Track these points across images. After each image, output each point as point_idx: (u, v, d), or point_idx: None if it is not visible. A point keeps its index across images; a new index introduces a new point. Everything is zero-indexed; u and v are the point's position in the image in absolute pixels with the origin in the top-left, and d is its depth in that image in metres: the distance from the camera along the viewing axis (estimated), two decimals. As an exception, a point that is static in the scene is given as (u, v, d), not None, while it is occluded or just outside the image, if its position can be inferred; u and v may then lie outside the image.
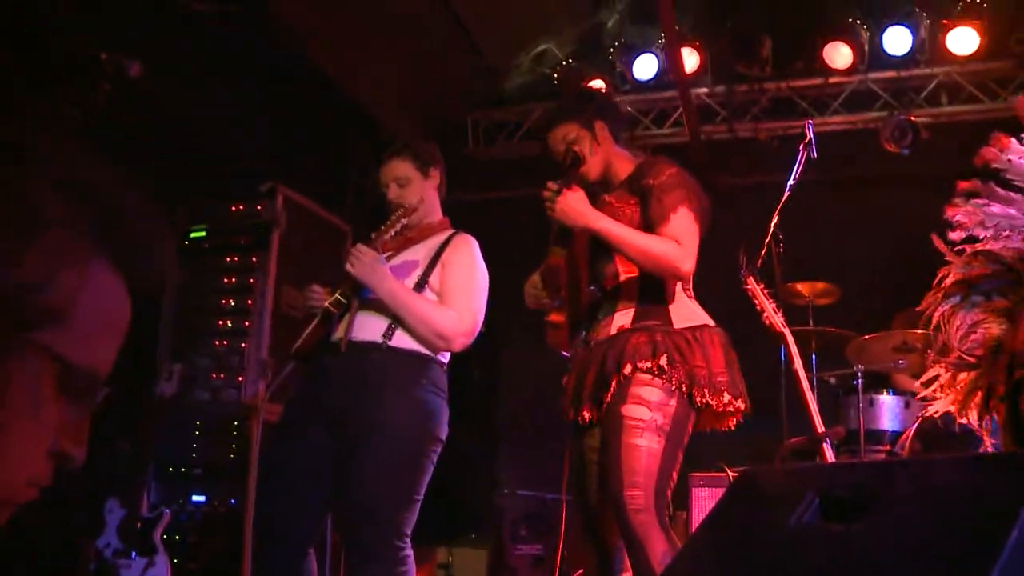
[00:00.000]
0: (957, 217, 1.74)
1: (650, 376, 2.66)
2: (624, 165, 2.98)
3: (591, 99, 3.12)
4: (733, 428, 2.81)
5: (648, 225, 2.77)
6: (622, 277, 2.84)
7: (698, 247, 2.78)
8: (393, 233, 3.01)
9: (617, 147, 2.99)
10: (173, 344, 4.92)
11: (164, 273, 1.01)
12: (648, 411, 2.64)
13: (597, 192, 2.97)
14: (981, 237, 1.73)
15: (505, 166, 7.04)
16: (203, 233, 5.05)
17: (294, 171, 5.66)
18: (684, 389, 2.66)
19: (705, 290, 2.94)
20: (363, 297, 3.01)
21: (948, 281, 1.77)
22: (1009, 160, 1.70)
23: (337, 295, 2.98)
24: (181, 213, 5.11)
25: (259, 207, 5.00)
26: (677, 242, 2.70)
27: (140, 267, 0.90)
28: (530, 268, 3.07)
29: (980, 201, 1.72)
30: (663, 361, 2.66)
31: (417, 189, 3.16)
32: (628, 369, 2.65)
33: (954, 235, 1.75)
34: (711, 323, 2.82)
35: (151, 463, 4.37)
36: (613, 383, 2.66)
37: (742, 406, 2.73)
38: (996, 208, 1.69)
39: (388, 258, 3.04)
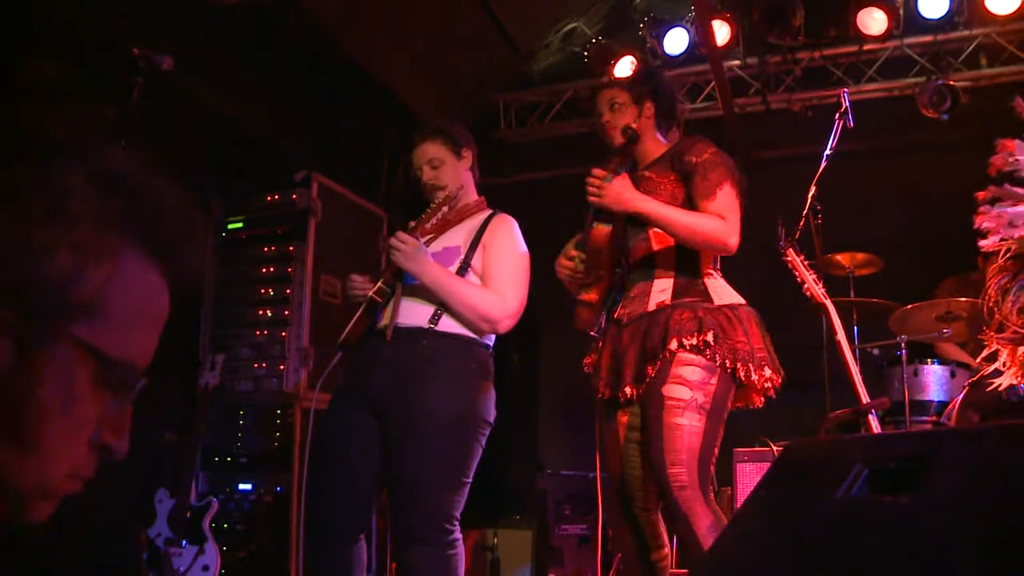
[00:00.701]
0: (984, 225, 1.78)
1: (693, 354, 2.68)
2: (654, 147, 3.01)
3: (651, 78, 3.12)
4: (761, 405, 2.83)
5: (691, 202, 2.80)
6: (655, 249, 2.87)
7: (740, 220, 2.81)
8: (435, 221, 3.00)
9: (655, 131, 3.03)
10: (214, 335, 4.94)
11: (202, 264, 1.03)
12: (689, 391, 2.67)
13: (634, 167, 2.98)
14: (1015, 237, 1.76)
15: (537, 147, 7.03)
16: (240, 224, 5.05)
17: (328, 159, 5.70)
18: (729, 365, 2.67)
19: (745, 263, 2.95)
20: (406, 284, 3.01)
21: (1002, 259, 1.78)
22: (1019, 160, 1.74)
23: (380, 284, 2.98)
24: (218, 205, 5.13)
25: (294, 196, 4.99)
26: (722, 218, 2.73)
27: (177, 259, 0.90)
28: (562, 244, 3.09)
29: (1004, 204, 1.77)
30: (709, 337, 2.67)
31: (450, 170, 3.17)
32: (674, 344, 2.66)
33: (985, 243, 1.78)
34: (743, 301, 2.84)
35: (198, 453, 4.41)
36: (658, 358, 2.68)
37: (778, 380, 2.75)
38: (1022, 207, 1.74)
39: (427, 243, 3.03)
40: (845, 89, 3.96)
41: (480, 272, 3.03)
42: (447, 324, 2.95)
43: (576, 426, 5.57)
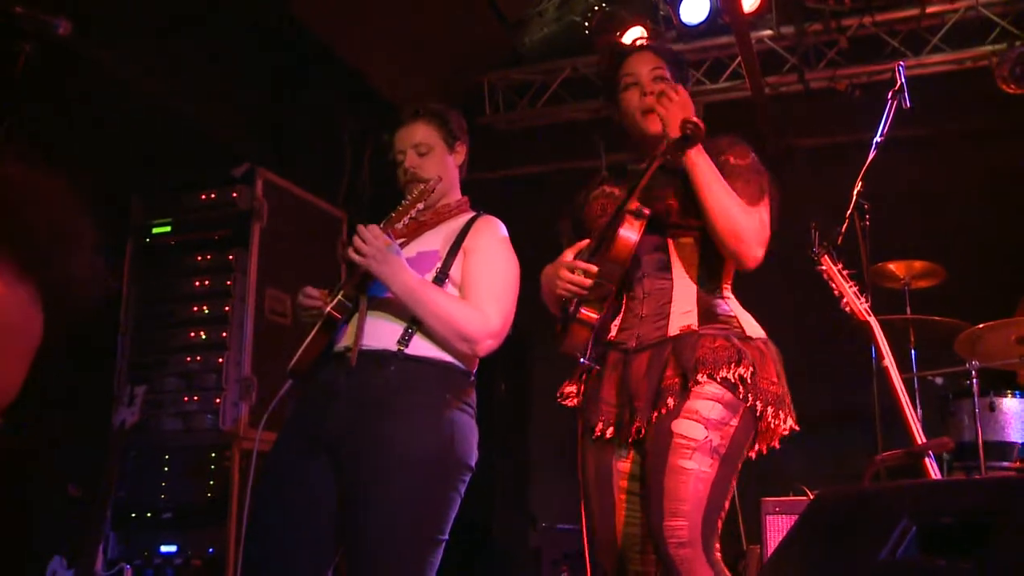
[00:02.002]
0: None
1: (719, 387, 2.69)
2: None
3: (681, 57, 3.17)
4: (766, 452, 2.84)
5: None
6: (677, 273, 2.86)
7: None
8: (409, 218, 2.99)
9: None
10: (134, 362, 4.92)
11: (92, 277, 1.01)
12: (703, 429, 2.66)
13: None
14: None
15: (529, 136, 7.04)
16: (167, 228, 5.04)
17: (277, 150, 5.70)
18: (759, 407, 2.69)
19: (770, 272, 2.94)
20: (372, 296, 3.00)
21: None
22: None
23: (340, 297, 2.96)
24: (139, 205, 5.10)
25: (234, 194, 4.99)
26: (761, 221, 2.80)
27: (54, 271, 0.89)
28: (554, 251, 3.04)
29: None
30: (747, 372, 2.69)
31: (438, 161, 3.18)
32: (703, 376, 2.67)
33: None
34: (764, 333, 2.88)
35: (108, 509, 4.35)
36: (679, 391, 2.70)
37: (796, 428, 2.79)
38: None
39: (400, 246, 3.03)
40: (901, 62, 3.92)
41: (459, 283, 3.03)
42: (420, 346, 2.94)
43: (575, 471, 5.54)
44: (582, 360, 2.85)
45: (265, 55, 5.68)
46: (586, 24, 6.52)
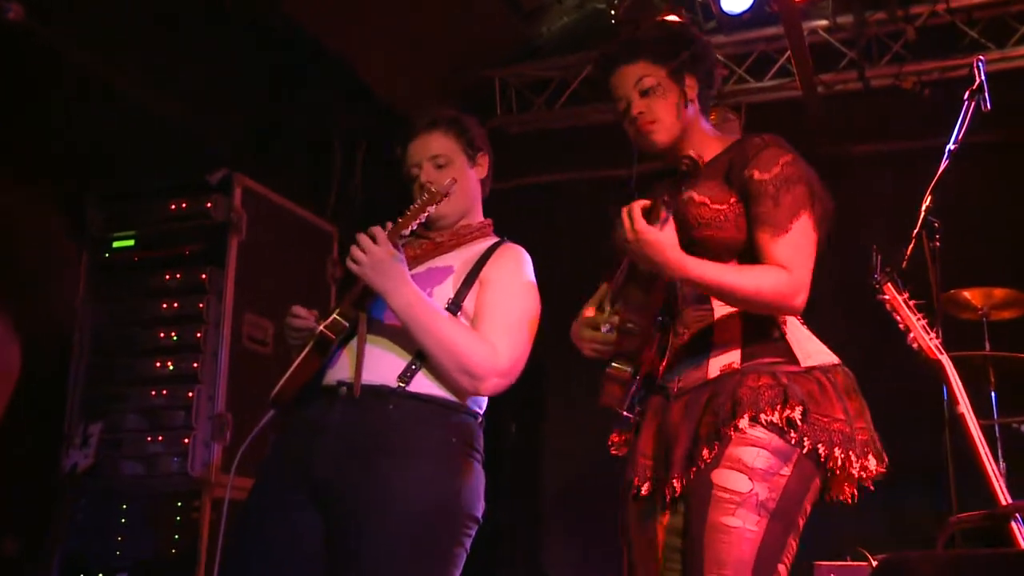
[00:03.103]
0: None
1: (767, 432, 2.63)
2: (707, 144, 2.95)
3: (689, 42, 3.01)
4: (851, 500, 2.78)
5: (754, 235, 2.77)
6: (717, 305, 2.83)
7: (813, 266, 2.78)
8: (416, 225, 2.97)
9: (701, 119, 3.00)
10: (88, 396, 4.90)
11: (64, 304, 1.00)
12: (748, 481, 2.60)
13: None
14: None
15: (546, 140, 7.01)
16: (131, 242, 5.04)
17: (258, 155, 5.69)
18: (823, 451, 2.62)
19: (819, 303, 2.88)
20: (373, 318, 2.99)
21: None
22: None
23: (336, 316, 2.94)
24: (97, 215, 5.08)
25: (209, 204, 4.98)
26: (787, 269, 2.70)
27: (35, 304, 0.87)
28: (580, 279, 3.01)
29: None
30: (796, 412, 2.63)
31: (458, 175, 3.17)
32: (745, 420, 2.63)
33: None
34: (836, 360, 2.80)
35: (54, 569, 4.32)
36: (721, 438, 2.66)
37: (883, 469, 2.71)
38: None
39: (409, 267, 3.04)
40: (981, 57, 3.87)
41: (472, 315, 3.04)
42: (422, 383, 2.93)
43: (595, 524, 5.48)
44: (624, 414, 2.84)
45: (247, 49, 5.68)
46: (612, 12, 6.49)
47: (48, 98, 4.64)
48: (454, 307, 3.01)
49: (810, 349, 2.78)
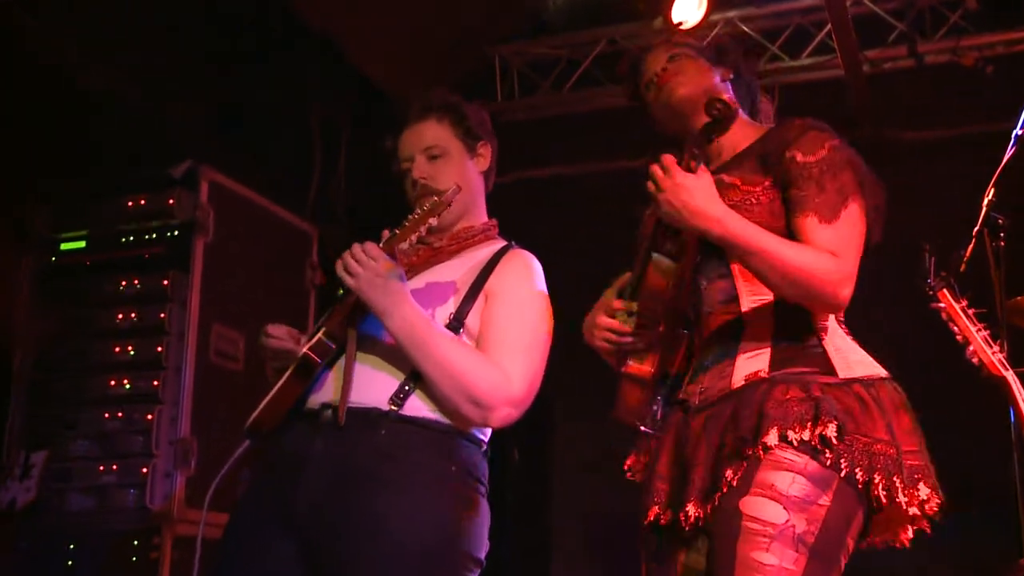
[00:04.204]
0: None
1: (800, 453, 2.61)
2: (741, 129, 3.00)
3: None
4: (909, 542, 2.76)
5: (793, 221, 2.78)
6: (744, 300, 2.84)
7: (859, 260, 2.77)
8: (418, 238, 2.98)
9: (740, 108, 3.04)
10: (31, 420, 4.89)
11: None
12: (782, 511, 2.58)
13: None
14: None
15: (554, 128, 7.00)
16: (82, 243, 5.05)
17: (227, 144, 5.68)
18: (860, 476, 2.60)
19: (863, 310, 2.87)
20: (364, 336, 2.99)
21: None
22: None
23: (321, 336, 2.95)
24: (42, 213, 5.10)
25: (171, 201, 5.00)
26: (835, 255, 2.70)
27: None
28: (594, 287, 3.02)
29: None
30: (830, 429, 2.60)
31: (455, 168, 3.21)
32: (772, 437, 2.61)
33: None
34: (884, 373, 2.78)
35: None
36: (744, 458, 2.64)
37: (939, 502, 2.66)
38: None
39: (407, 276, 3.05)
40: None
41: (476, 333, 3.04)
42: (416, 406, 2.93)
43: (610, 562, 5.49)
44: (642, 428, 2.85)
45: (212, 23, 5.66)
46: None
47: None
48: (456, 323, 3.01)
49: (851, 359, 2.76)
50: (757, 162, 2.86)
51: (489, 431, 3.07)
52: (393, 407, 2.90)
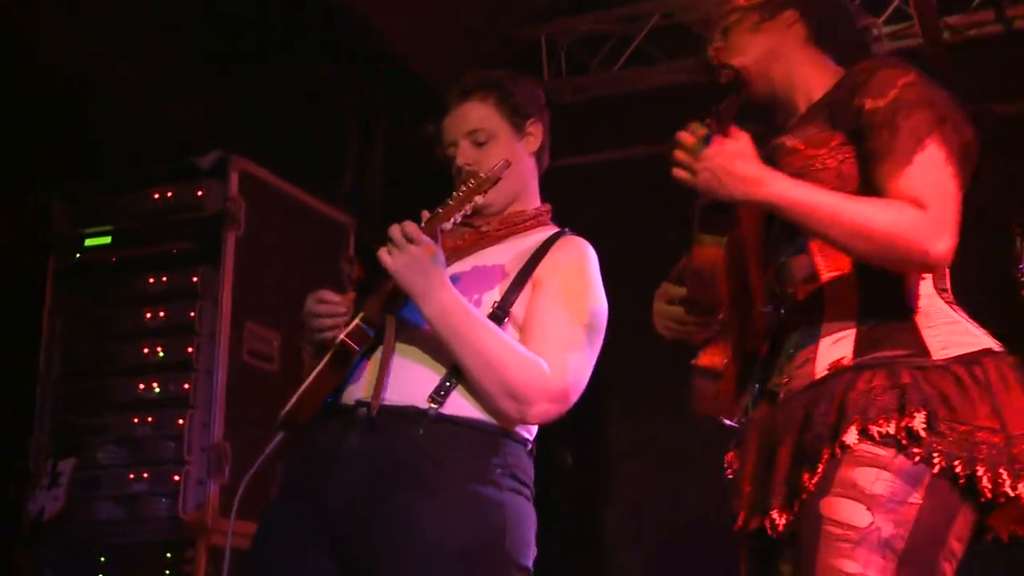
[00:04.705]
0: None
1: (884, 447, 2.53)
2: (818, 78, 2.92)
3: None
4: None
5: (871, 176, 2.69)
6: (824, 276, 2.76)
7: (958, 209, 2.65)
8: (460, 217, 2.97)
9: (810, 64, 2.96)
10: (57, 427, 4.90)
11: None
12: (867, 512, 2.50)
13: (767, 131, 2.88)
14: None
15: (605, 109, 6.98)
16: (107, 239, 5.06)
17: (257, 133, 5.67)
18: (960, 470, 2.51)
19: (958, 294, 2.80)
20: (404, 321, 3.00)
21: None
22: None
23: (358, 322, 2.96)
24: (64, 209, 5.11)
25: (200, 193, 5.01)
26: (919, 204, 2.58)
27: None
28: (655, 274, 2.98)
29: None
30: (918, 422, 2.52)
31: (504, 152, 3.17)
32: (852, 435, 2.53)
33: None
34: (994, 345, 2.68)
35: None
36: (823, 460, 2.57)
37: None
38: None
39: (450, 260, 3.06)
40: None
41: (522, 323, 3.04)
42: (459, 404, 2.95)
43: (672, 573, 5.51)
44: (728, 423, 2.86)
45: (241, 4, 5.66)
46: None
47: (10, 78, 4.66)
48: (500, 312, 3.01)
49: (949, 333, 2.65)
50: (827, 117, 2.79)
51: (535, 429, 3.07)
52: (433, 405, 2.91)
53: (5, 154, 4.57)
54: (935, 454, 2.49)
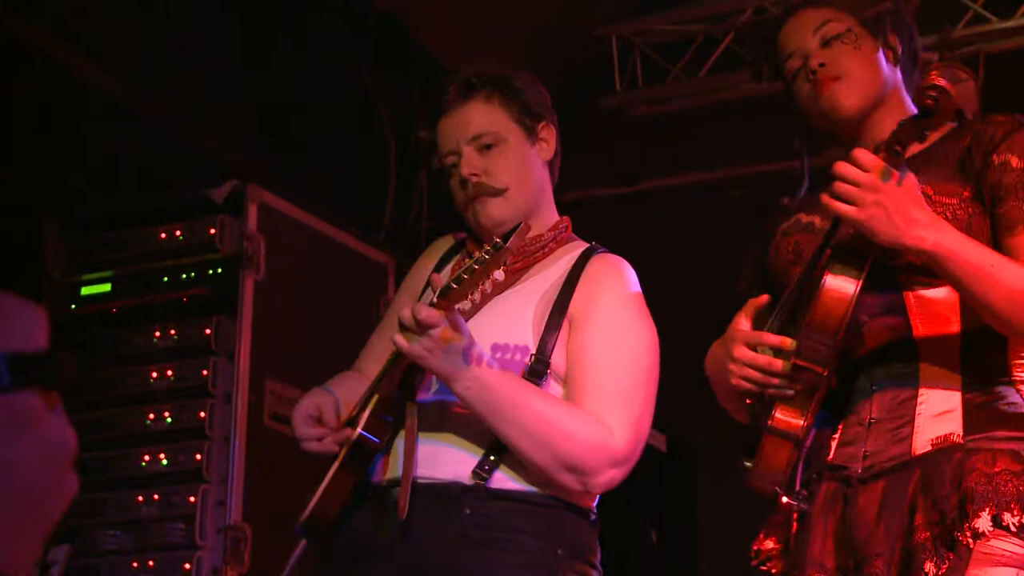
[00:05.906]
0: None
1: (1020, 544, 2.59)
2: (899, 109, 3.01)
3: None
4: None
5: (1009, 245, 2.78)
6: (920, 328, 2.84)
7: None
8: (480, 296, 2.98)
9: (906, 94, 3.06)
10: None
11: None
12: None
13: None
14: None
15: (685, 124, 6.99)
16: (106, 287, 5.08)
17: (280, 161, 5.67)
18: None
19: None
20: (426, 402, 3.06)
21: None
22: None
23: (371, 408, 3.01)
24: (60, 252, 5.11)
25: (212, 231, 5.00)
26: None
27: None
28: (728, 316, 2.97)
29: None
30: None
31: (515, 159, 3.22)
32: (984, 522, 2.59)
33: None
34: None
35: None
36: (952, 547, 2.62)
37: None
38: None
39: (469, 312, 3.07)
40: None
41: (563, 373, 3.06)
42: (505, 478, 3.01)
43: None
44: (784, 498, 2.78)
45: (257, 10, 5.71)
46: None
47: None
48: (539, 366, 3.03)
49: None
50: (956, 167, 2.84)
51: (596, 499, 3.11)
52: (478, 480, 2.97)
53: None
54: None
